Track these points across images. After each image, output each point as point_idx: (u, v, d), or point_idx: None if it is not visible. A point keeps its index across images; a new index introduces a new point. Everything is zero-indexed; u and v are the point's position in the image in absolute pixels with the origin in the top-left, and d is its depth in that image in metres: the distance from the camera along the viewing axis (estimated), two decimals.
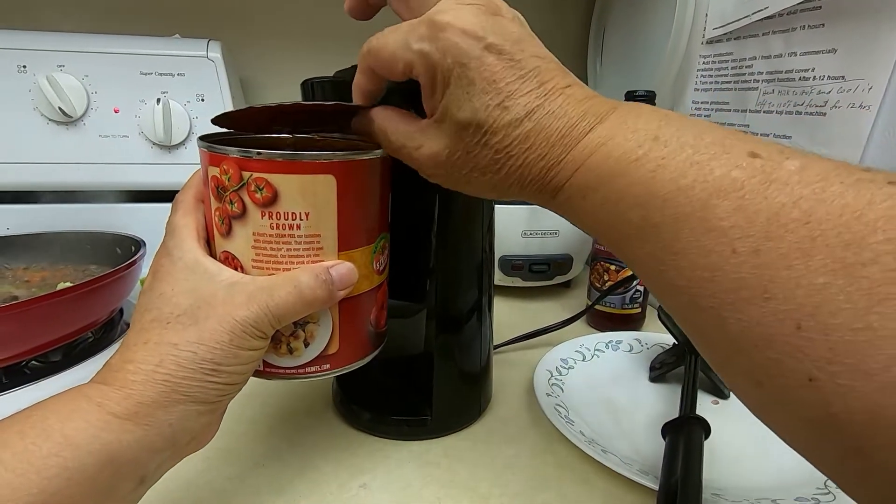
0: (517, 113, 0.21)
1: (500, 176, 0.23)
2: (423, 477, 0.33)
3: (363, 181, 0.26)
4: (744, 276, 0.16)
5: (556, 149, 0.21)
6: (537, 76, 0.21)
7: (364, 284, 0.28)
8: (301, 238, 0.25)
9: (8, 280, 0.52)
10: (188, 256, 0.25)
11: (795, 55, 0.42)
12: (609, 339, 0.51)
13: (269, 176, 0.24)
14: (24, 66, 0.58)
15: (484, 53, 0.21)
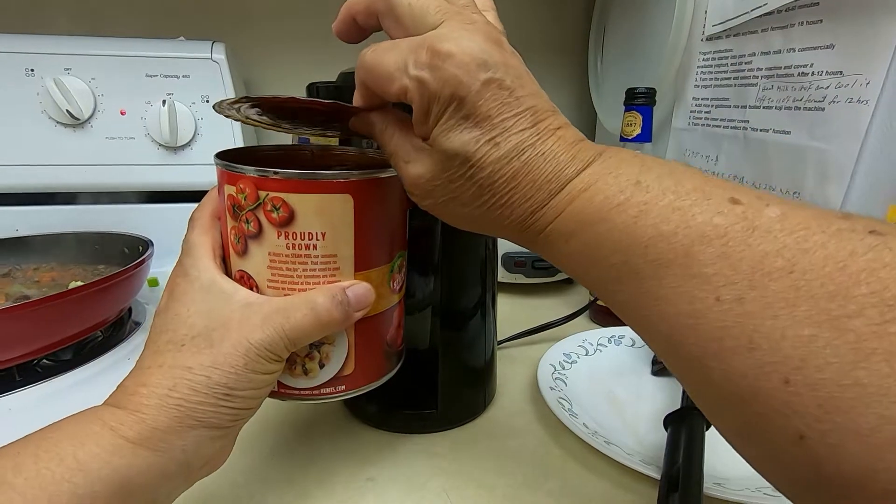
0: (507, 150, 0.21)
1: (481, 211, 0.22)
2: (430, 469, 0.34)
3: (381, 200, 0.26)
4: (728, 324, 0.16)
5: (542, 192, 0.21)
6: (533, 115, 0.21)
7: (381, 304, 0.28)
8: (317, 258, 0.25)
9: (19, 280, 0.53)
10: (204, 276, 0.25)
11: (794, 51, 0.43)
12: (611, 333, 0.51)
13: (286, 195, 0.24)
14: (31, 69, 0.59)
15: (483, 88, 0.20)
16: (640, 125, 0.52)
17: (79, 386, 0.43)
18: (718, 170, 0.53)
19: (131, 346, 0.50)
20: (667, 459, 0.30)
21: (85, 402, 0.40)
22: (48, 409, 0.40)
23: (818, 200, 0.41)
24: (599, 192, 0.20)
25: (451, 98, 0.20)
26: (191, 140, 0.64)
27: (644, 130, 0.52)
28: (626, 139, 0.53)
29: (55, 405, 0.40)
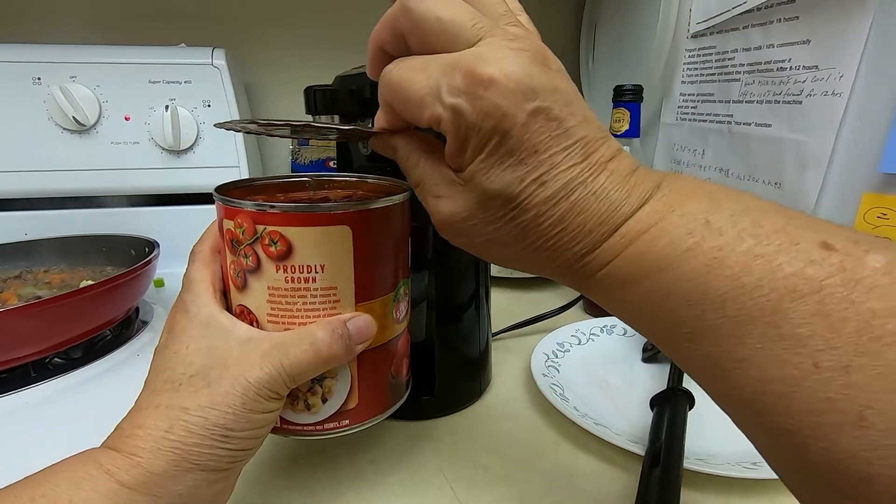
0: (555, 190, 0.18)
1: (524, 254, 0.20)
2: (428, 452, 0.36)
3: (380, 230, 0.26)
4: (831, 396, 0.14)
5: (594, 235, 0.18)
6: (583, 147, 0.18)
7: (384, 335, 0.27)
8: (317, 291, 0.24)
9: (30, 282, 0.55)
10: (203, 312, 0.25)
11: (773, 47, 0.44)
12: (604, 323, 0.53)
13: (283, 229, 0.23)
14: (38, 78, 0.61)
15: (530, 120, 0.18)
16: (628, 121, 0.54)
17: (89, 382, 0.45)
18: (706, 163, 0.54)
19: (139, 345, 0.51)
20: (651, 437, 0.32)
21: (96, 397, 0.42)
22: (62, 403, 0.42)
23: (797, 190, 0.43)
24: (663, 234, 0.17)
25: (493, 132, 0.18)
26: (193, 144, 0.66)
27: (632, 126, 0.54)
28: (614, 135, 0.55)
29: (68, 400, 0.42)
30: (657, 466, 0.29)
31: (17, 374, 0.44)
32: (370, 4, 0.82)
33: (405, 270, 0.29)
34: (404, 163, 0.23)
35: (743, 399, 0.16)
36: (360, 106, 0.35)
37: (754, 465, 0.32)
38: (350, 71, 0.37)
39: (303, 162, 0.83)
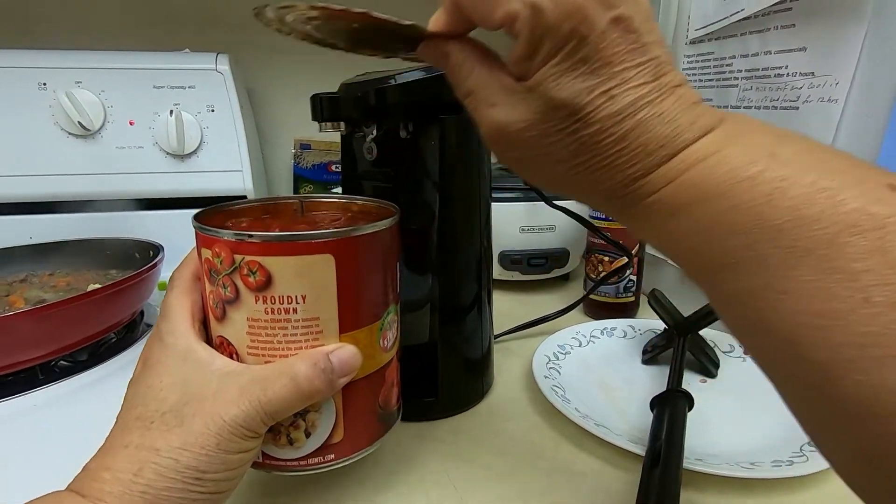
0: (622, 105, 0.17)
1: (574, 171, 0.19)
2: (431, 451, 0.36)
3: (366, 257, 0.25)
4: (876, 330, 0.14)
5: (652, 158, 0.18)
6: (656, 67, 0.18)
7: (370, 365, 0.26)
8: (298, 322, 0.23)
9: (36, 286, 0.55)
10: (180, 343, 0.24)
11: (770, 53, 0.45)
12: (604, 326, 0.53)
13: (262, 259, 0.23)
14: (44, 83, 0.62)
15: (610, 27, 0.17)
16: None
17: (95, 384, 0.45)
18: None
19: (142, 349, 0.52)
20: (651, 437, 0.33)
21: (101, 399, 0.43)
22: (69, 406, 0.42)
23: None
24: (724, 161, 0.17)
25: (571, 35, 0.17)
26: (197, 148, 0.66)
27: None
28: None
29: (75, 402, 0.43)
30: (657, 466, 0.29)
31: (24, 377, 0.45)
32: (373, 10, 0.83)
33: (394, 296, 0.28)
34: (457, 70, 0.21)
35: (778, 332, 0.16)
36: (365, 113, 0.36)
37: (752, 465, 0.32)
38: (355, 78, 0.38)
39: (305, 165, 0.83)
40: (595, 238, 0.58)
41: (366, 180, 0.40)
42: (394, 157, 0.38)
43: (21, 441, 0.37)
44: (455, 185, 0.37)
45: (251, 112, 0.77)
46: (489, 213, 0.41)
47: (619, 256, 0.57)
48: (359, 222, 0.29)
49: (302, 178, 0.82)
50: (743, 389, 0.43)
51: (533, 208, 0.63)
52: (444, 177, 0.36)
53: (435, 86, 0.34)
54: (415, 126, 0.36)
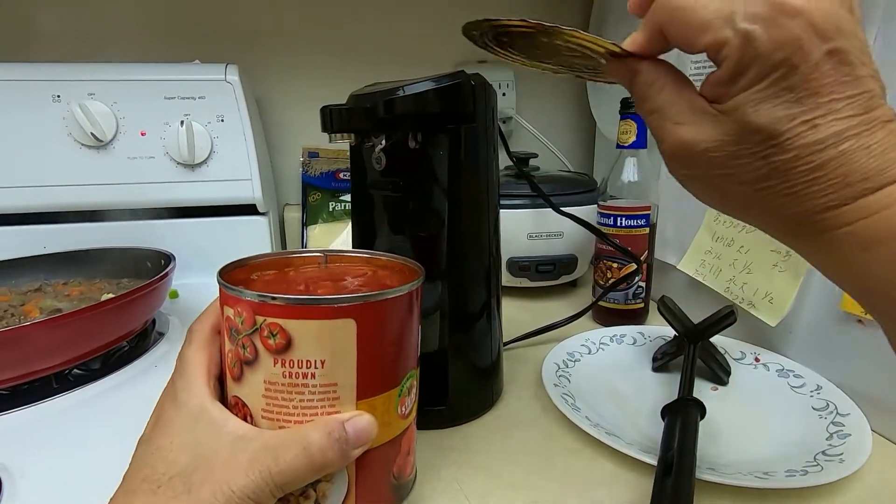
0: (824, 136, 0.18)
1: (758, 195, 0.19)
2: (442, 460, 0.36)
3: (388, 321, 0.24)
4: None
5: (852, 189, 0.18)
6: (868, 100, 0.18)
7: (387, 433, 0.25)
8: (315, 388, 0.23)
9: (50, 295, 0.56)
10: (193, 402, 0.23)
11: None
12: (613, 333, 0.53)
13: (284, 321, 0.22)
14: (58, 95, 0.63)
15: (824, 59, 0.17)
16: (635, 133, 0.55)
17: (109, 392, 0.46)
18: None
19: (157, 355, 0.52)
20: (663, 446, 0.33)
21: (115, 408, 0.43)
22: (84, 414, 0.43)
23: None
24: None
25: (782, 64, 0.17)
26: (207, 158, 0.67)
27: (639, 137, 0.55)
28: (622, 146, 0.56)
29: (90, 411, 0.43)
30: (670, 476, 0.29)
31: (39, 386, 0.45)
32: (379, 19, 0.84)
33: (414, 361, 0.27)
34: (646, 88, 0.22)
35: None
36: (374, 124, 0.36)
37: (766, 475, 0.32)
38: (363, 90, 0.39)
39: (313, 174, 0.84)
40: (603, 245, 0.58)
41: (375, 190, 0.40)
42: (403, 167, 0.38)
43: (37, 451, 0.38)
44: (464, 194, 0.37)
45: (260, 121, 0.78)
46: (497, 220, 0.41)
47: (627, 263, 0.56)
48: (382, 279, 0.29)
49: (310, 185, 0.83)
50: (755, 397, 0.43)
51: (540, 215, 0.63)
52: (453, 185, 0.36)
53: (443, 96, 0.35)
54: (424, 136, 0.37)
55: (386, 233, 0.40)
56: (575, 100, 0.93)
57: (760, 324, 0.47)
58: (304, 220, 0.82)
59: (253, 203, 0.71)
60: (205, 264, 0.69)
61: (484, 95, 0.37)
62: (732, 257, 0.52)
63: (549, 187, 0.56)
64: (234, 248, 0.70)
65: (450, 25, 0.85)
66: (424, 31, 0.85)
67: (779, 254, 0.46)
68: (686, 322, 0.47)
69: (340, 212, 0.82)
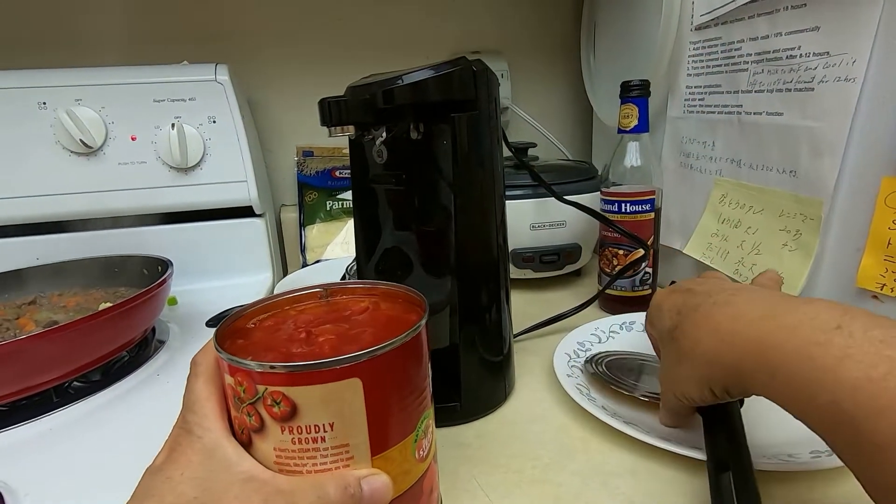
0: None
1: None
2: (458, 457, 0.35)
3: (395, 373, 0.24)
4: None
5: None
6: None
7: (406, 481, 0.25)
8: (327, 451, 0.23)
9: (46, 307, 0.55)
10: (209, 437, 0.22)
11: (781, 35, 0.44)
12: (622, 320, 0.53)
13: (286, 389, 0.22)
14: (44, 102, 0.61)
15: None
16: (637, 117, 0.54)
17: (111, 404, 0.45)
18: (716, 154, 0.54)
19: (158, 364, 0.51)
20: (709, 441, 0.31)
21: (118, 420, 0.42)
22: (86, 427, 0.42)
23: (813, 176, 0.43)
24: (801, 332, 0.22)
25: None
26: (200, 160, 0.65)
27: (641, 121, 0.54)
28: (623, 131, 0.55)
29: (92, 423, 0.42)
30: (725, 472, 0.28)
31: (38, 400, 0.44)
32: (368, 18, 0.82)
33: (427, 401, 0.26)
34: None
35: (888, 488, 0.18)
36: (375, 116, 0.35)
37: (790, 457, 0.31)
38: (360, 81, 0.37)
39: (308, 173, 0.83)
40: (608, 232, 0.57)
41: (377, 184, 0.39)
42: (405, 159, 0.37)
43: (40, 467, 0.37)
44: (470, 185, 0.36)
45: (252, 122, 0.76)
46: (504, 210, 0.40)
47: (633, 249, 0.56)
48: (385, 313, 0.28)
49: (306, 185, 0.82)
50: None
51: (543, 204, 0.62)
52: (458, 176, 0.35)
53: (445, 84, 0.34)
54: (426, 126, 0.36)
55: (390, 228, 0.39)
56: (570, 87, 0.92)
57: None
58: (302, 221, 0.81)
59: (249, 205, 0.69)
60: (203, 269, 0.69)
61: (486, 82, 0.36)
62: (740, 239, 0.51)
63: (550, 176, 0.56)
64: (231, 252, 0.71)
65: (441, 18, 0.84)
66: (416, 24, 0.84)
67: (788, 233, 0.46)
68: None
69: (339, 210, 0.81)
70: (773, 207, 0.47)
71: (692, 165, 0.58)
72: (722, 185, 0.54)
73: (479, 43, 0.86)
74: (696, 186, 0.57)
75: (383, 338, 0.23)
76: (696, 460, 0.32)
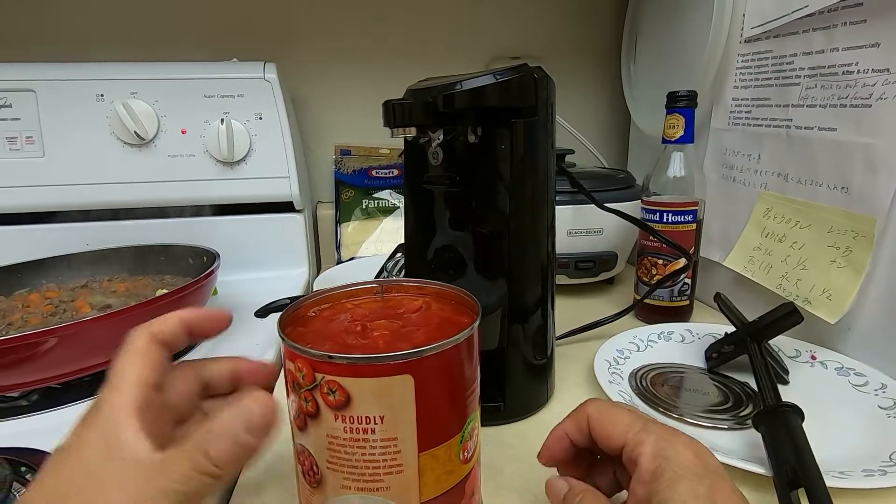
0: None
1: None
2: (504, 457, 0.36)
3: (446, 373, 0.24)
4: None
5: None
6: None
7: (449, 480, 0.25)
8: (376, 442, 0.23)
9: (97, 291, 0.57)
10: (110, 416, 0.21)
11: (838, 50, 0.44)
12: (661, 330, 0.53)
13: (342, 379, 0.23)
14: (101, 94, 0.63)
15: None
16: (683, 127, 0.54)
17: None
18: (761, 168, 0.54)
19: (203, 352, 0.53)
20: (772, 456, 0.31)
21: None
22: None
23: (867, 194, 0.42)
24: None
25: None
26: (246, 155, 0.67)
27: (686, 132, 0.54)
28: (668, 141, 0.55)
29: None
30: (793, 489, 0.28)
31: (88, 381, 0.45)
32: (410, 19, 0.84)
33: (474, 404, 0.27)
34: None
35: None
36: (434, 119, 0.36)
37: (843, 475, 0.31)
38: (418, 84, 0.38)
39: (345, 171, 0.84)
40: (648, 241, 0.57)
41: (431, 185, 0.40)
42: (460, 162, 0.38)
43: None
44: (524, 189, 0.37)
45: (295, 119, 0.78)
46: (554, 215, 0.40)
47: (673, 260, 0.56)
48: (437, 313, 0.29)
49: (343, 183, 0.83)
50: (818, 395, 0.42)
51: (580, 211, 0.63)
52: (514, 180, 0.36)
53: (509, 89, 0.34)
54: (484, 130, 0.36)
55: (444, 228, 0.40)
56: (608, 94, 0.92)
57: (812, 321, 0.46)
58: (338, 218, 0.83)
59: (290, 201, 0.71)
60: (242, 261, 0.70)
61: (545, 88, 0.36)
62: (785, 253, 0.51)
63: (588, 184, 0.56)
64: (271, 246, 0.72)
65: (482, 21, 0.85)
66: (457, 28, 0.85)
67: (837, 249, 0.45)
68: (745, 319, 0.46)
69: (374, 209, 0.82)
70: (822, 223, 0.47)
71: (735, 178, 0.58)
72: (766, 199, 0.53)
73: (518, 48, 0.87)
74: (739, 199, 0.57)
75: (435, 338, 0.24)
76: (751, 473, 0.32)
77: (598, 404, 0.28)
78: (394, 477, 0.24)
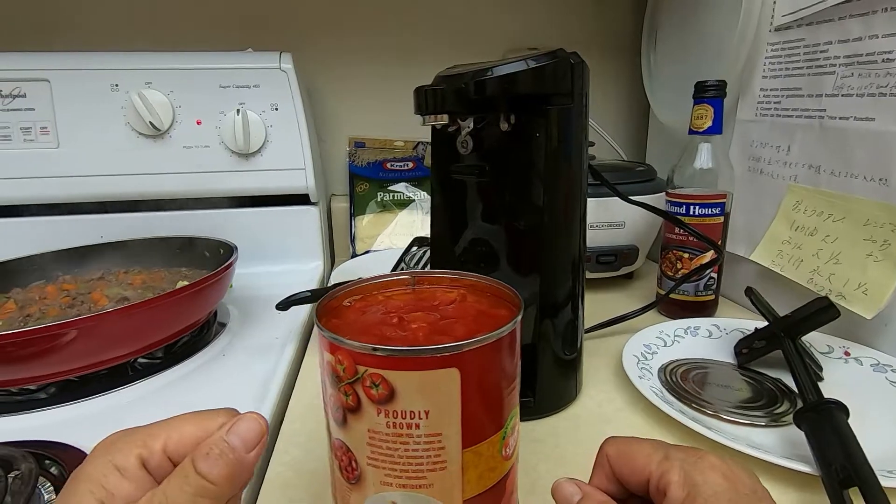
0: None
1: None
2: (535, 454, 0.35)
3: (491, 366, 0.24)
4: None
5: None
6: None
7: (491, 477, 0.25)
8: (420, 438, 0.23)
9: (114, 283, 0.56)
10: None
11: (877, 38, 0.43)
12: (687, 325, 0.52)
13: (385, 372, 0.22)
14: (116, 84, 0.62)
15: None
16: (711, 118, 0.53)
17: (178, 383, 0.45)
18: (791, 160, 0.53)
19: (222, 345, 0.52)
20: (818, 454, 0.30)
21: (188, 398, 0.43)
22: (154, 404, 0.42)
23: None
24: None
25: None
26: (262, 147, 0.66)
27: (715, 123, 0.53)
28: (695, 132, 0.54)
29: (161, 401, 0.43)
30: (847, 487, 0.27)
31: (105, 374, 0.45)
32: (426, 11, 0.82)
33: (516, 398, 0.27)
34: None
35: None
36: (466, 106, 0.35)
37: (891, 474, 0.30)
38: (447, 71, 0.37)
39: (359, 163, 0.83)
40: (673, 234, 0.56)
41: (459, 174, 0.39)
42: (491, 151, 0.37)
43: None
44: (559, 179, 0.36)
45: (311, 111, 0.77)
46: (586, 207, 0.39)
47: (699, 253, 0.55)
48: (473, 304, 0.28)
49: (357, 175, 0.82)
50: (854, 392, 0.40)
51: (602, 204, 0.62)
52: (548, 170, 0.35)
53: (547, 75, 0.33)
54: (517, 118, 0.35)
55: (476, 221, 0.39)
56: (626, 86, 0.90)
57: (845, 316, 0.45)
58: (353, 211, 0.82)
59: (305, 193, 0.70)
60: (256, 254, 0.70)
61: (581, 75, 0.35)
62: (816, 247, 0.49)
63: (609, 176, 0.55)
64: (285, 238, 0.71)
65: (498, 12, 0.84)
66: (474, 19, 0.84)
67: (874, 243, 0.44)
68: (777, 315, 0.45)
69: (389, 202, 0.81)
70: (857, 216, 0.45)
71: (762, 170, 0.56)
72: (796, 192, 0.52)
73: (536, 39, 0.86)
74: (766, 192, 0.56)
75: (475, 331, 0.23)
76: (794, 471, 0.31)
77: (616, 442, 0.26)
78: (437, 474, 0.23)
